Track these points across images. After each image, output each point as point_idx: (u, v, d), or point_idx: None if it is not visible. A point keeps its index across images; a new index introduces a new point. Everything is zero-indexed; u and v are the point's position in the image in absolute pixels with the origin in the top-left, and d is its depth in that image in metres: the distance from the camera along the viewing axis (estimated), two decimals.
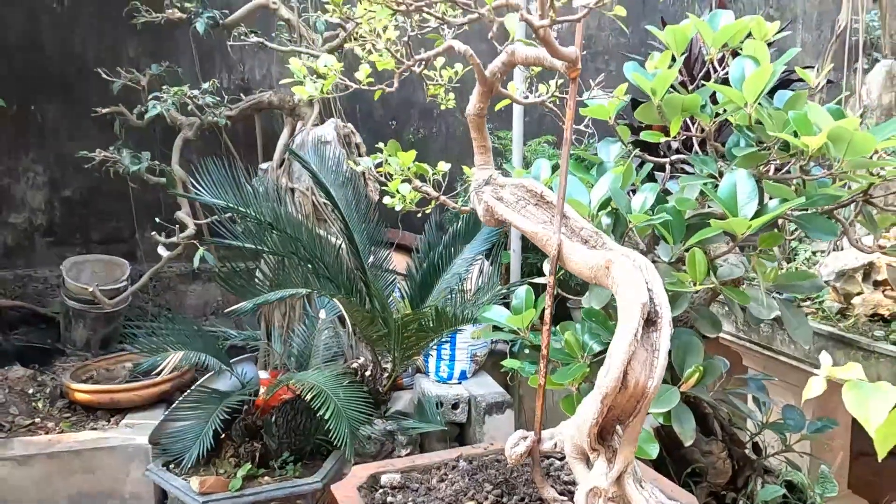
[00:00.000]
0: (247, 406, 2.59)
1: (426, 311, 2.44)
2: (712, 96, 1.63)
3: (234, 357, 2.78)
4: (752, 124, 1.55)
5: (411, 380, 3.59)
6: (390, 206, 1.63)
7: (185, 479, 2.38)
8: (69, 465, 2.76)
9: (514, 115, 3.33)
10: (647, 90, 1.60)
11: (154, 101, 3.50)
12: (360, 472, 1.71)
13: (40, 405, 3.20)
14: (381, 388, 2.66)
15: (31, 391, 3.30)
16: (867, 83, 2.85)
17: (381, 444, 3.18)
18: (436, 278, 2.89)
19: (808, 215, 1.55)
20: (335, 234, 3.14)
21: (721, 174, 1.59)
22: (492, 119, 1.40)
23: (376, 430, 2.88)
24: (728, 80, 1.57)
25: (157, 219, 3.54)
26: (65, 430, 2.99)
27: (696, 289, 1.50)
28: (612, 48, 4.99)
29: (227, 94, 3.86)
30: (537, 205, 1.35)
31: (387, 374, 2.65)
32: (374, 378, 2.62)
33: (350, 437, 2.19)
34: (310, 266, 2.47)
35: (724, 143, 1.69)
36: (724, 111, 1.60)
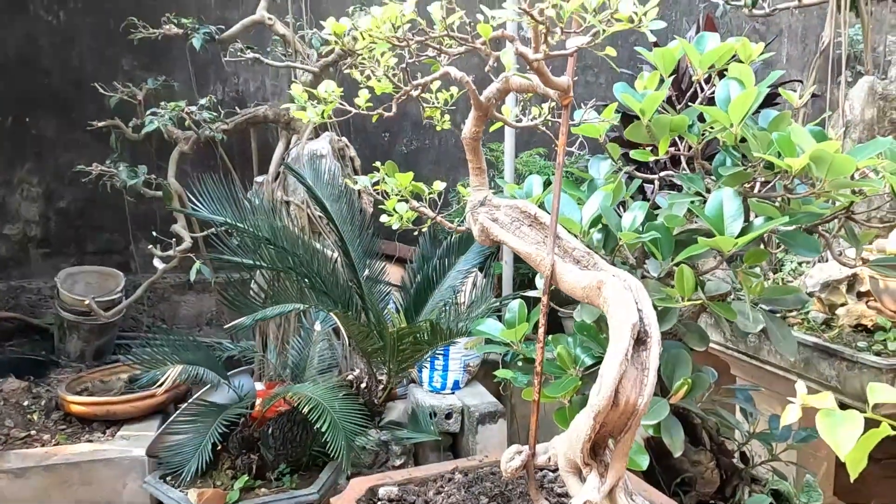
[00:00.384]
0: (244, 418, 2.61)
1: (421, 324, 2.47)
2: (700, 114, 1.68)
3: (229, 368, 2.80)
4: (737, 144, 1.60)
5: (405, 390, 3.62)
6: (388, 224, 1.67)
7: (183, 491, 2.40)
8: (66, 478, 2.77)
9: (506, 130, 3.39)
10: (636, 110, 1.65)
11: (151, 117, 3.53)
12: (358, 485, 1.74)
13: (36, 417, 3.21)
14: (376, 400, 2.69)
15: (26, 403, 3.30)
16: (850, 98, 2.91)
17: (376, 454, 3.21)
18: (430, 290, 2.92)
19: (791, 233, 1.60)
20: (330, 247, 3.17)
21: (709, 191, 1.64)
22: (484, 132, 1.45)
23: (371, 441, 2.91)
24: (714, 99, 1.63)
25: (154, 232, 3.57)
26: (61, 443, 3.00)
27: (685, 304, 1.55)
28: (601, 61, 5.06)
29: (222, 108, 3.89)
30: (531, 226, 1.39)
31: (382, 386, 2.68)
32: (369, 390, 2.66)
33: (347, 449, 2.22)
34: (306, 280, 2.50)
35: (711, 157, 1.74)
36: (711, 128, 1.66)
